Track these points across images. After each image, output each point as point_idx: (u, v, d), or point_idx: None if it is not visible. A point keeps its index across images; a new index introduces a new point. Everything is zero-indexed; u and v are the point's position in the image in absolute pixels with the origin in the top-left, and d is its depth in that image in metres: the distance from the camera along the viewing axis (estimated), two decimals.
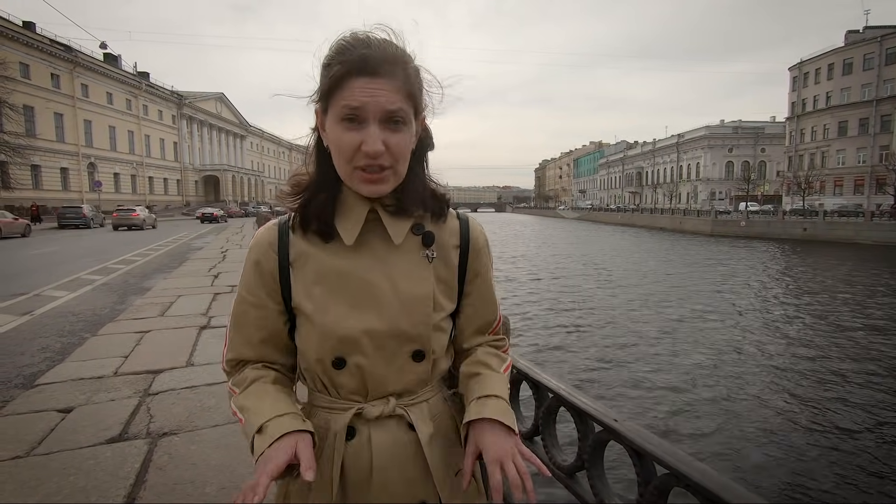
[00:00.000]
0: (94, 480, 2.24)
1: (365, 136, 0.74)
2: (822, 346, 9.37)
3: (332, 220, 0.82)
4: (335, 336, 0.80)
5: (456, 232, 0.90)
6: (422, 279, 0.84)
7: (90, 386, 3.48)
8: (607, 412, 0.84)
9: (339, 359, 0.81)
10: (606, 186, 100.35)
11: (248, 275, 0.86)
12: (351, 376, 0.82)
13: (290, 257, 0.84)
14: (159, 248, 15.73)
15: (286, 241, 0.85)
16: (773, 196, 54.77)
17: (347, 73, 0.74)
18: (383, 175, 0.77)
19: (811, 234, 33.46)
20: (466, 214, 0.94)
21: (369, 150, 0.74)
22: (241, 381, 0.86)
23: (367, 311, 0.80)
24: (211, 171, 61.21)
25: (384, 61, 0.75)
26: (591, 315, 11.79)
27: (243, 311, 0.87)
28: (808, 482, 4.87)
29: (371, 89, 0.74)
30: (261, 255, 0.85)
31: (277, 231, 0.86)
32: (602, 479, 0.87)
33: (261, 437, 0.76)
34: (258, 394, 0.83)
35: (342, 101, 0.75)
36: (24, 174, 32.20)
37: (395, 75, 0.76)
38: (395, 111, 0.75)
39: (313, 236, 0.84)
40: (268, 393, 0.83)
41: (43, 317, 5.90)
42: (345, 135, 0.75)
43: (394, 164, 0.78)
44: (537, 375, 1.06)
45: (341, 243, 0.82)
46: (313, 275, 0.82)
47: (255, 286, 0.85)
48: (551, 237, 39.13)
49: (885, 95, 42.64)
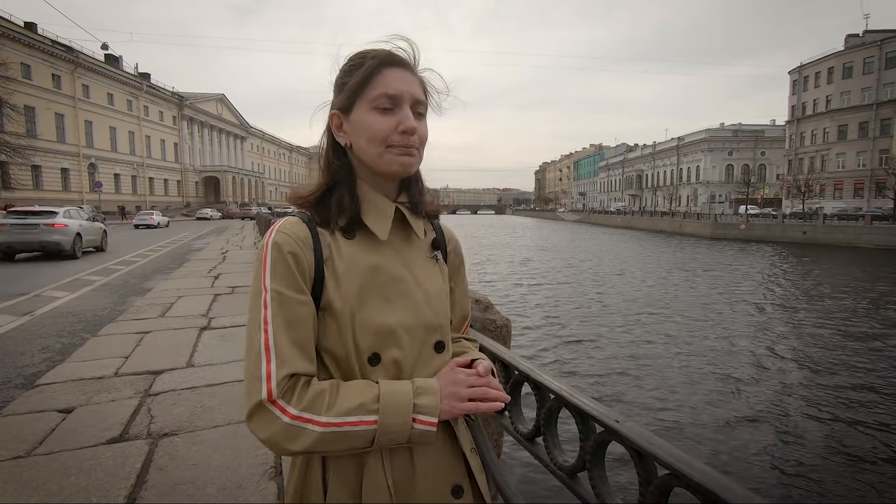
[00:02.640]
0: (95, 480, 2.25)
1: (401, 117, 0.82)
2: (825, 349, 9.36)
3: (358, 215, 0.85)
4: (372, 330, 0.79)
5: (440, 233, 0.98)
6: (436, 275, 0.91)
7: (91, 386, 3.48)
8: (609, 413, 0.85)
9: (375, 354, 0.80)
10: (606, 189, 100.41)
11: (286, 269, 0.77)
12: (386, 371, 0.80)
13: (324, 254, 0.81)
14: (159, 248, 15.73)
15: (317, 234, 0.82)
16: (773, 199, 54.81)
17: (381, 64, 0.83)
18: (413, 151, 0.84)
19: (811, 238, 33.44)
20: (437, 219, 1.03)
21: (407, 126, 0.82)
22: (317, 398, 0.73)
23: (399, 304, 0.83)
24: (211, 172, 61.29)
25: (409, 58, 0.87)
26: (602, 322, 11.79)
27: (291, 311, 0.76)
28: (809, 483, 4.87)
29: (403, 78, 0.84)
30: (298, 249, 0.78)
31: (308, 226, 0.83)
32: (603, 479, 0.87)
33: (425, 395, 0.77)
34: (359, 386, 0.77)
35: (377, 89, 0.82)
36: (24, 174, 32.26)
37: (416, 71, 0.87)
38: (421, 101, 0.86)
39: (338, 232, 0.84)
40: (365, 383, 0.78)
41: (43, 317, 5.90)
42: (381, 119, 0.82)
43: (420, 147, 0.86)
44: (539, 376, 1.06)
45: (366, 239, 0.85)
46: (346, 270, 0.81)
47: (299, 282, 0.77)
48: (556, 244, 39.03)
49: (885, 99, 42.70)
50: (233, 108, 70.04)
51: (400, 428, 0.73)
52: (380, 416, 0.72)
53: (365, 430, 0.72)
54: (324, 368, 0.81)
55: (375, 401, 0.73)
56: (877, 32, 45.05)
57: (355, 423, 0.71)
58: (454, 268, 0.98)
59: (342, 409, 0.72)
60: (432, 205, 0.95)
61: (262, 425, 0.71)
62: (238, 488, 2.20)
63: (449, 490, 0.84)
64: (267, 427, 0.71)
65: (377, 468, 0.79)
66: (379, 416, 0.72)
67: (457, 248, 1.00)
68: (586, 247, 32.97)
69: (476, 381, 0.80)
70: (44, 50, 36.50)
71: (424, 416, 0.74)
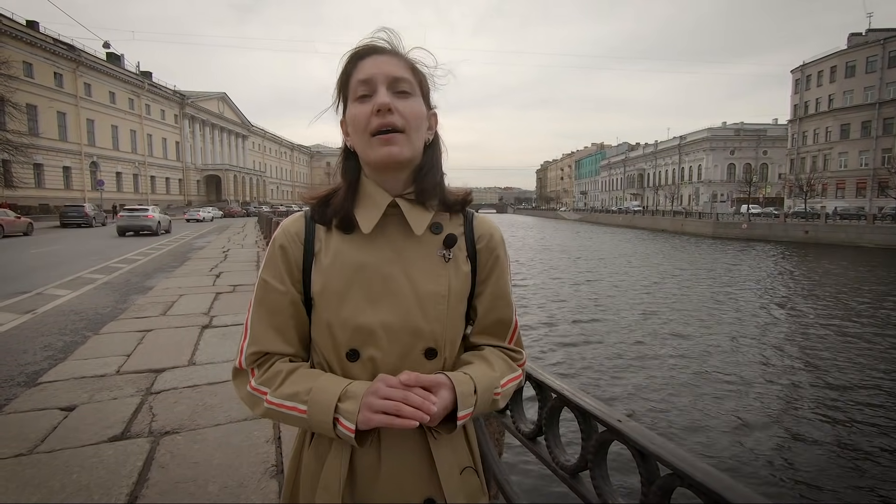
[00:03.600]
0: (97, 478, 2.25)
1: (374, 99, 0.81)
2: (828, 349, 9.34)
3: (352, 211, 0.85)
4: (351, 327, 0.80)
5: (469, 227, 0.90)
6: (438, 276, 0.83)
7: (92, 384, 3.49)
8: (611, 412, 0.85)
9: (354, 350, 0.80)
10: (608, 188, 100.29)
11: (274, 261, 0.85)
12: (363, 369, 0.80)
13: (315, 248, 0.85)
14: (161, 247, 15.75)
15: (312, 230, 0.86)
16: (775, 198, 54.69)
17: (356, 56, 0.85)
18: (395, 136, 0.81)
19: (813, 237, 33.38)
20: (474, 212, 0.94)
21: (379, 102, 0.80)
22: (273, 377, 0.81)
23: (383, 304, 0.81)
24: (213, 170, 61.32)
25: (387, 43, 0.86)
26: (605, 321, 11.78)
27: (269, 298, 0.84)
28: (811, 482, 4.86)
29: (378, 63, 0.83)
30: (287, 242, 0.86)
31: (304, 221, 0.87)
32: (605, 478, 0.87)
33: (350, 399, 0.74)
34: (311, 375, 0.81)
35: (354, 82, 0.83)
36: (26, 173, 32.31)
37: (398, 52, 0.86)
38: (400, 77, 0.83)
39: (336, 228, 0.85)
40: (321, 374, 0.81)
41: (45, 315, 5.92)
42: (360, 107, 0.82)
43: (406, 127, 0.81)
44: (540, 375, 1.06)
45: (361, 235, 0.84)
46: (332, 265, 0.83)
47: (282, 273, 0.84)
48: (559, 243, 39.01)
49: (888, 98, 42.55)
50: (234, 106, 70.05)
51: (325, 425, 0.74)
52: (308, 408, 0.75)
53: (298, 416, 0.76)
54: (315, 355, 0.87)
55: (307, 392, 0.76)
56: (880, 31, 44.85)
57: (290, 407, 0.77)
58: (486, 266, 0.89)
59: (283, 393, 0.78)
60: (455, 195, 0.90)
61: (237, 386, 0.85)
62: (239, 487, 2.20)
63: (421, 502, 0.81)
64: (239, 388, 0.84)
65: (334, 467, 0.80)
66: (308, 407, 0.75)
67: (490, 245, 0.90)
68: (589, 245, 32.94)
69: (392, 393, 0.72)
70: (46, 48, 36.52)
71: (345, 421, 0.73)
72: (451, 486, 0.83)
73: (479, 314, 0.90)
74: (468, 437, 0.90)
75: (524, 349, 0.95)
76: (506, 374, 0.87)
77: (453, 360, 0.86)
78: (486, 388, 0.80)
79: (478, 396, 0.79)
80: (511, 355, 0.91)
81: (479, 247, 0.89)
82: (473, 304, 0.89)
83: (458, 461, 0.86)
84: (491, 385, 0.82)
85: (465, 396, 0.77)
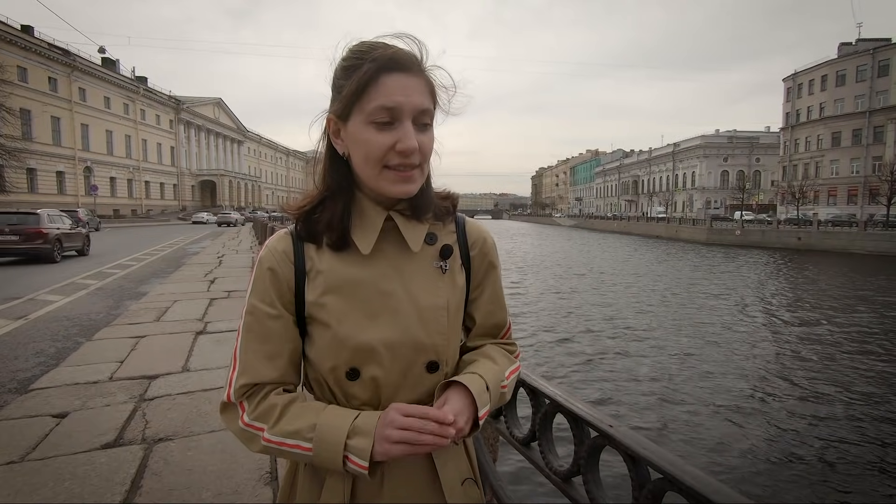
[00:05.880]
0: (90, 486, 2.24)
1: (400, 134, 0.74)
2: (819, 354, 9.40)
3: (348, 230, 0.80)
4: (350, 347, 0.77)
5: (461, 234, 0.88)
6: (436, 289, 0.82)
7: (85, 391, 3.46)
8: (603, 418, 0.86)
9: (354, 369, 0.77)
10: (603, 195, 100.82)
11: (263, 284, 0.79)
12: (364, 388, 0.78)
13: (306, 266, 0.80)
14: (155, 252, 15.67)
15: (301, 249, 0.81)
16: (768, 205, 55.13)
17: (379, 70, 0.73)
18: (413, 174, 0.77)
19: (806, 244, 33.68)
20: (465, 217, 0.92)
21: (406, 146, 0.73)
22: (268, 411, 0.76)
23: (383, 321, 0.78)
24: (208, 175, 61.19)
25: (413, 58, 0.77)
26: (599, 328, 11.80)
27: (259, 324, 0.78)
28: (798, 486, 4.89)
29: (405, 87, 0.74)
30: (276, 264, 0.80)
31: (291, 239, 0.82)
32: (597, 483, 0.88)
33: (359, 436, 0.71)
34: (311, 409, 0.76)
35: (374, 101, 0.73)
36: (19, 178, 32.13)
37: (422, 73, 0.77)
38: (426, 110, 0.76)
39: (326, 245, 0.81)
40: (321, 406, 0.77)
41: (38, 321, 5.87)
42: (377, 136, 0.74)
43: (422, 163, 0.78)
44: (534, 381, 1.07)
45: (356, 251, 0.80)
46: (328, 284, 0.79)
47: (273, 296, 0.79)
48: (557, 250, 39.04)
49: (878, 107, 43.08)
50: (230, 111, 70.00)
51: (333, 463, 0.71)
52: (313, 446, 0.72)
53: (302, 453, 0.73)
54: (310, 372, 0.83)
55: (312, 430, 0.72)
56: (869, 41, 45.51)
57: (293, 445, 0.73)
58: (480, 272, 0.88)
59: (283, 430, 0.74)
60: (443, 200, 0.87)
61: (227, 421, 0.80)
62: (234, 493, 2.19)
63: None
64: (229, 423, 0.79)
65: (336, 489, 0.78)
66: (313, 445, 0.72)
67: (484, 250, 0.89)
68: (585, 251, 33.02)
69: (410, 423, 0.69)
70: (40, 53, 36.43)
71: (355, 458, 0.70)
72: (454, 498, 0.82)
73: (476, 321, 0.90)
74: (467, 447, 0.89)
75: (516, 342, 0.97)
76: (508, 367, 0.88)
77: (453, 369, 0.86)
78: (495, 382, 0.81)
79: (490, 392, 0.79)
80: (507, 349, 0.93)
81: (472, 253, 0.88)
82: (468, 310, 0.89)
83: (460, 473, 0.85)
84: (498, 379, 0.83)
85: (481, 394, 0.77)
